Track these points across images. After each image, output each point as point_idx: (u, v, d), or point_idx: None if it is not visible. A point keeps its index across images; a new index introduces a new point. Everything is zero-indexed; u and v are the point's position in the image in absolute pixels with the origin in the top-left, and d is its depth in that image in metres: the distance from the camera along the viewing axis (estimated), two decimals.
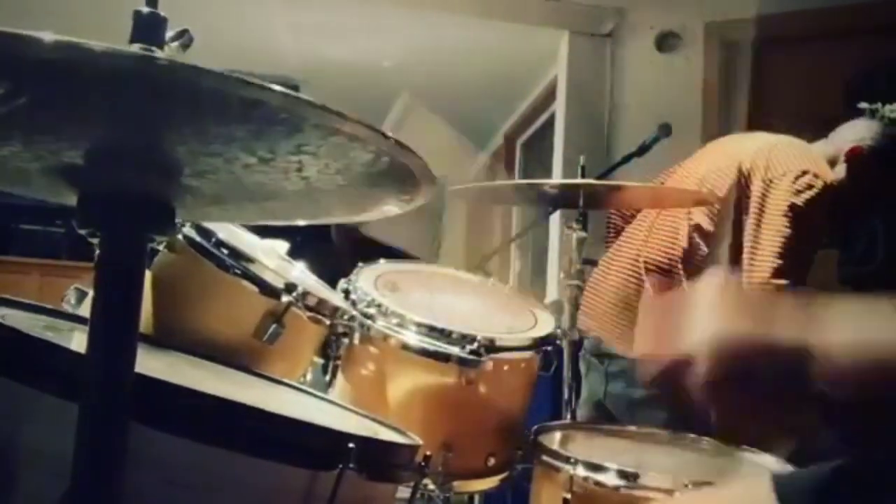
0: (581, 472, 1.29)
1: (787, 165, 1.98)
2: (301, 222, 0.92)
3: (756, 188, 1.98)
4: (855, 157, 2.06)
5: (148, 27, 0.50)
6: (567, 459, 1.31)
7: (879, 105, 2.13)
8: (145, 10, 0.51)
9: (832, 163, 2.07)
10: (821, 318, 0.72)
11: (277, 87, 0.50)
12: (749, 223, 1.97)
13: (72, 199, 0.66)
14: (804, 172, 1.96)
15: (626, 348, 2.01)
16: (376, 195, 0.75)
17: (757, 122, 3.54)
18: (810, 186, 1.95)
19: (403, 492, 1.06)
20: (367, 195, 0.76)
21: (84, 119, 0.55)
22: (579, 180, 1.89)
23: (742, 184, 2.01)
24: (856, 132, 2.11)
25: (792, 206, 1.92)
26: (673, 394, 0.75)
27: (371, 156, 0.63)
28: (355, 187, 0.72)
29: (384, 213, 0.77)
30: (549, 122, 4.32)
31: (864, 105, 2.13)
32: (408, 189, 0.71)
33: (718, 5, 3.64)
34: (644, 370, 0.80)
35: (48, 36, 0.45)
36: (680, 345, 0.75)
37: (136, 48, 0.53)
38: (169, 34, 0.51)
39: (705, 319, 0.75)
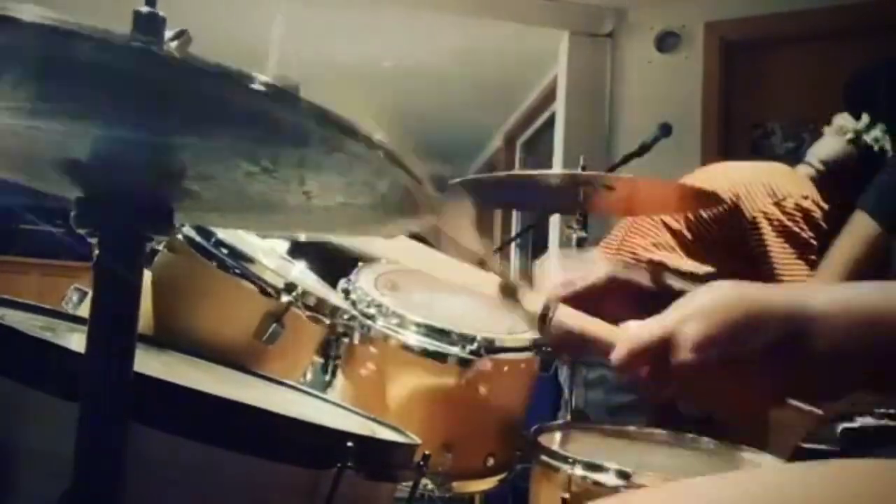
0: (580, 472, 1.29)
1: (787, 190, 2.14)
2: (302, 237, 0.90)
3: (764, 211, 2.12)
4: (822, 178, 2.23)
5: (147, 27, 0.50)
6: (566, 459, 1.31)
7: (850, 119, 2.22)
8: (144, 9, 0.50)
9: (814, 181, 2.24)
10: None
11: (293, 97, 0.50)
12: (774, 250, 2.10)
13: (72, 194, 0.65)
14: (805, 198, 2.14)
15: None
16: (378, 216, 0.74)
17: (757, 122, 3.55)
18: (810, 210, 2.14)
19: (402, 491, 1.06)
20: (368, 216, 0.75)
21: (87, 115, 0.55)
22: (579, 171, 1.89)
23: (737, 208, 2.15)
24: (824, 149, 2.26)
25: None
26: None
27: (374, 176, 0.62)
28: (357, 207, 0.71)
29: (387, 234, 0.75)
30: (549, 122, 4.32)
31: (836, 120, 2.24)
32: (410, 212, 0.69)
33: (718, 5, 3.64)
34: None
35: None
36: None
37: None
38: (167, 34, 0.51)
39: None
